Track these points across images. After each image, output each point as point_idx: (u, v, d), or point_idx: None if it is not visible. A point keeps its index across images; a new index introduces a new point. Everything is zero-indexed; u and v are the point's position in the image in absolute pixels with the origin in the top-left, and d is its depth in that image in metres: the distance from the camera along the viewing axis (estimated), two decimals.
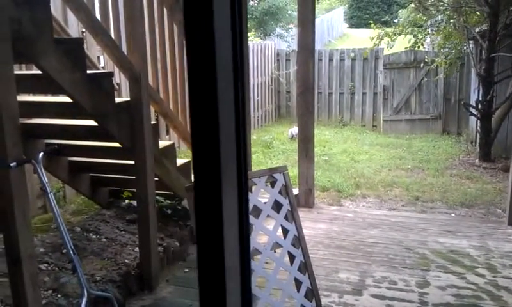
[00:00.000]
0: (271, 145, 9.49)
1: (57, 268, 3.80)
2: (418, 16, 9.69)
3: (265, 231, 3.26)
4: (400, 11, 11.86)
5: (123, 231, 4.61)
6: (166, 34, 4.15)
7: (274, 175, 3.39)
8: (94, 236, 4.43)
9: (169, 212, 4.85)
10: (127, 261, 4.07)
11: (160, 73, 4.10)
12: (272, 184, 3.37)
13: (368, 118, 11.71)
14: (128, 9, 3.35)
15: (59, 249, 4.05)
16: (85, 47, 3.45)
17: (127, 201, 5.18)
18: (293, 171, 6.00)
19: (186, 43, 0.51)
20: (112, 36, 3.41)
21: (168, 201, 4.90)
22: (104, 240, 4.40)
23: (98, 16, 3.24)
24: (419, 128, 10.98)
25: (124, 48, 3.49)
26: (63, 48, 2.84)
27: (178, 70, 4.34)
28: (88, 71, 3.13)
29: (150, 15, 3.86)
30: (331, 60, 11.80)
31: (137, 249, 4.24)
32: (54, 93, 3.67)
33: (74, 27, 4.83)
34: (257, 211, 3.26)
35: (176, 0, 4.10)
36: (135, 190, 4.95)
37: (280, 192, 3.37)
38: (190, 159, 4.82)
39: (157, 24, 4.00)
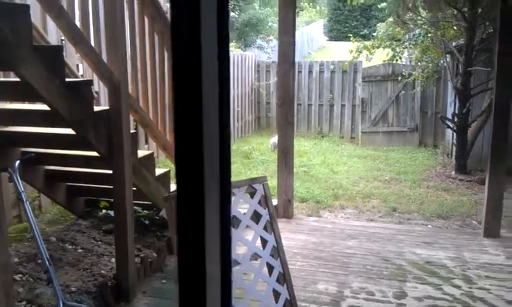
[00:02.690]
0: (251, 156, 9.50)
1: (31, 279, 3.73)
2: (397, 30, 9.85)
3: (244, 242, 3.25)
4: (378, 24, 12.01)
5: (99, 242, 4.55)
6: (147, 43, 4.13)
7: (253, 185, 3.39)
8: (70, 247, 4.36)
9: (146, 222, 4.80)
10: (103, 272, 4.02)
11: (141, 82, 4.08)
12: (252, 194, 3.37)
13: (347, 129, 11.82)
14: (109, 18, 3.33)
15: (34, 260, 3.98)
16: (64, 54, 3.41)
17: (103, 211, 5.12)
18: (272, 182, 6.00)
19: (172, 53, 0.52)
20: (92, 44, 3.38)
21: (145, 211, 4.86)
22: (80, 250, 4.34)
23: (78, 23, 3.22)
24: (396, 140, 11.12)
25: (104, 57, 3.46)
26: (42, 55, 2.81)
27: (158, 80, 4.32)
28: (67, 79, 3.10)
29: (131, 24, 3.85)
30: (310, 72, 11.90)
31: (113, 259, 4.19)
32: (32, 101, 3.62)
33: (53, 35, 4.79)
34: (236, 221, 3.26)
35: (157, 10, 4.10)
36: (112, 200, 4.91)
37: (259, 203, 3.37)
38: (169, 169, 4.80)
39: (137, 33, 3.98)
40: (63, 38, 5.35)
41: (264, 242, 3.34)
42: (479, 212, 6.30)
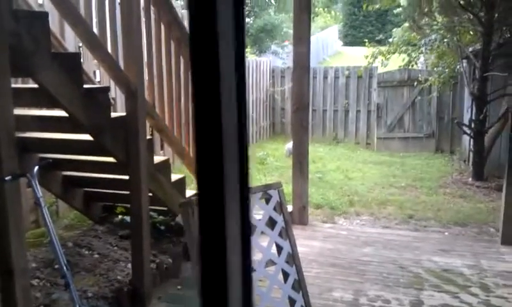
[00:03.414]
0: (265, 161, 9.49)
1: (48, 284, 3.76)
2: (412, 35, 9.79)
3: (260, 248, 3.25)
4: (394, 30, 11.95)
5: (115, 247, 4.58)
6: (163, 50, 4.16)
7: (269, 192, 3.38)
8: (86, 252, 4.39)
9: (162, 228, 4.82)
10: (119, 277, 4.04)
11: (157, 88, 4.11)
12: (267, 201, 3.36)
13: (362, 135, 11.76)
14: (126, 25, 3.36)
15: (51, 265, 4.01)
16: (81, 61, 3.44)
17: (120, 216, 5.15)
18: (287, 188, 5.98)
19: (191, 56, 0.52)
20: (110, 50, 3.41)
21: (161, 216, 4.87)
22: (97, 255, 4.37)
23: (95, 30, 3.25)
24: (412, 146, 11.03)
25: (121, 63, 3.49)
26: (61, 62, 2.85)
27: (174, 86, 4.35)
28: (85, 86, 3.13)
29: (148, 31, 3.88)
30: (325, 78, 11.88)
31: (129, 265, 4.21)
32: (50, 107, 3.66)
33: (71, 41, 4.84)
34: (251, 227, 3.25)
35: (174, 17, 4.12)
36: (128, 205, 4.94)
37: (274, 209, 3.36)
38: (184, 175, 4.81)
39: (154, 40, 4.01)
40: (80, 44, 5.42)
41: (279, 249, 3.33)
42: (496, 219, 6.21)
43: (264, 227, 3.28)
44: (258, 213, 3.49)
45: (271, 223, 3.33)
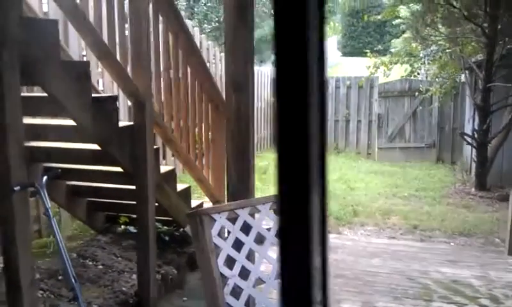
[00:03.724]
0: (268, 171, 9.44)
1: (52, 296, 3.70)
2: (414, 45, 9.80)
3: (269, 260, 3.20)
4: (393, 40, 11.98)
5: (119, 258, 4.51)
6: (171, 59, 4.12)
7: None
8: (90, 263, 4.33)
9: (166, 238, 4.76)
10: (124, 288, 3.97)
11: (164, 97, 4.07)
12: (276, 211, 3.32)
13: (363, 145, 11.74)
14: (134, 34, 3.33)
15: (55, 276, 3.95)
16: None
17: (123, 226, 5.09)
18: None
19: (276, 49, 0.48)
20: (118, 59, 3.38)
21: (165, 227, 4.82)
22: (101, 266, 4.30)
23: (105, 39, 3.21)
24: (413, 156, 11.01)
25: (129, 73, 3.46)
26: (70, 71, 2.81)
27: (182, 95, 4.31)
28: (93, 95, 3.09)
29: (156, 40, 3.85)
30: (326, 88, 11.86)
31: (134, 276, 4.15)
32: (58, 116, 3.61)
33: (75, 49, 4.81)
34: (261, 239, 3.21)
35: (181, 27, 4.10)
36: (133, 215, 4.88)
37: None
38: (189, 185, 4.76)
39: (162, 50, 3.98)
40: (84, 53, 5.38)
41: None
42: (501, 230, 6.18)
43: (273, 238, 3.23)
44: (268, 224, 3.45)
45: None
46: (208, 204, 5.60)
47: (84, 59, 5.21)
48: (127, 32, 3.38)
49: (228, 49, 3.28)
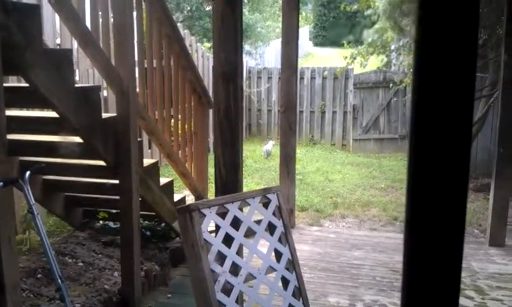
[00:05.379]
0: (244, 163, 9.33)
1: (32, 295, 3.54)
2: (386, 36, 9.76)
3: (260, 255, 3.12)
4: (365, 31, 11.97)
5: (100, 255, 4.36)
6: (154, 48, 3.97)
7: (268, 195, 3.25)
8: (70, 260, 4.17)
9: (148, 233, 4.63)
10: (106, 287, 3.83)
11: (148, 89, 3.92)
12: (266, 205, 3.23)
13: (338, 137, 11.73)
14: (118, 21, 3.18)
15: (34, 275, 3.79)
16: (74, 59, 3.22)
17: (101, 222, 4.93)
18: None
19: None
20: (102, 47, 3.22)
21: (146, 221, 4.68)
22: (81, 264, 4.15)
23: (88, 26, 3.05)
24: (387, 147, 11.07)
25: (113, 62, 3.30)
26: (52, 59, 2.65)
27: (165, 86, 4.17)
28: (76, 85, 2.93)
29: (139, 28, 3.69)
30: (301, 78, 11.78)
31: (116, 273, 4.01)
32: (40, 107, 3.43)
33: (50, 38, 4.60)
34: (251, 233, 3.12)
35: (165, 14, 3.94)
36: (112, 210, 4.72)
37: (273, 214, 3.24)
38: (173, 178, 4.62)
39: (145, 37, 3.83)
40: (59, 42, 5.17)
41: (279, 255, 3.20)
42: (479, 221, 6.26)
43: (263, 232, 3.15)
44: (257, 218, 3.36)
45: (270, 228, 3.21)
46: (190, 197, 5.48)
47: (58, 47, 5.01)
48: (111, 20, 3.23)
49: (216, 38, 3.14)
